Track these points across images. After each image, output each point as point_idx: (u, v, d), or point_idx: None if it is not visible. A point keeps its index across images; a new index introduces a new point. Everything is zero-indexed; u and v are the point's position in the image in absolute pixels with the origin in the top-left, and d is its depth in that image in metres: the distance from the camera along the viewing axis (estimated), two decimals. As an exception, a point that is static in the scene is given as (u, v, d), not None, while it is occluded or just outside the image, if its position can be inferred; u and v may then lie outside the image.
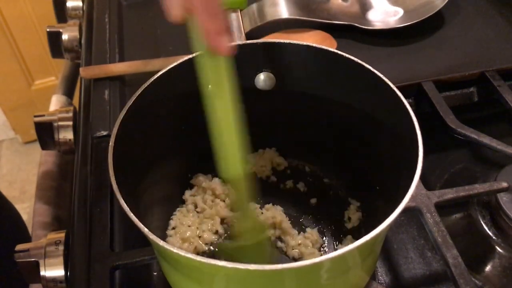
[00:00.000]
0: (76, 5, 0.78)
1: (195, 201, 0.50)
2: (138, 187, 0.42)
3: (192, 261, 0.31)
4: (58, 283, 0.44)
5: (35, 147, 0.75)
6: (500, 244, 0.47)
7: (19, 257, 0.45)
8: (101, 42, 0.67)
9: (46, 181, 0.63)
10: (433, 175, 0.55)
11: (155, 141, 0.46)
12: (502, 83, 0.56)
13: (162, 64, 0.58)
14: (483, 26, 0.65)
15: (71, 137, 0.58)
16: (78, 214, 0.48)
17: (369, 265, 0.40)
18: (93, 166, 0.51)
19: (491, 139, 0.51)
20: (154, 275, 0.47)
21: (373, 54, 0.62)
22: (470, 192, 0.46)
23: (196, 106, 0.48)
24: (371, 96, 0.43)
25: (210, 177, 0.52)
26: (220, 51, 0.36)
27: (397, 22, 0.65)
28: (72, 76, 0.79)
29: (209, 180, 0.52)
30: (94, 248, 0.44)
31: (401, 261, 0.47)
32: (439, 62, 0.60)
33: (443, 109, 0.54)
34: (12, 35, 1.48)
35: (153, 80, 0.43)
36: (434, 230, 0.43)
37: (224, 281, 0.35)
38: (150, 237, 0.32)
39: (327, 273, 0.35)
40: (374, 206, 0.46)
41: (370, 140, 0.46)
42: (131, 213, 0.34)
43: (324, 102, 0.47)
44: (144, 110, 0.43)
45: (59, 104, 0.73)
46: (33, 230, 0.58)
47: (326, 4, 0.66)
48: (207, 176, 0.52)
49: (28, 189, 1.58)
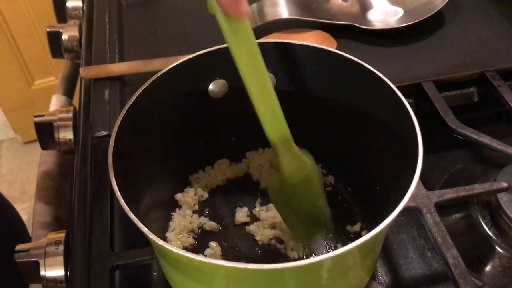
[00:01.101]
0: (76, 5, 0.78)
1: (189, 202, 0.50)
2: (138, 187, 0.42)
3: (191, 260, 0.31)
4: (58, 283, 0.44)
5: (35, 147, 0.75)
6: (500, 244, 0.47)
7: (19, 257, 0.45)
8: (101, 42, 0.67)
9: (46, 181, 0.63)
10: (433, 175, 0.55)
11: (155, 141, 0.46)
12: (502, 83, 0.56)
13: (162, 64, 0.58)
14: (483, 26, 0.65)
15: (71, 137, 0.58)
16: (78, 214, 0.48)
17: (369, 265, 0.40)
18: (93, 166, 0.51)
19: (491, 139, 0.51)
20: (154, 275, 0.47)
21: (373, 54, 0.62)
22: (470, 192, 0.46)
23: (196, 106, 0.48)
24: (371, 96, 0.43)
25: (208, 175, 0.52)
26: (235, 13, 0.36)
27: (397, 22, 0.65)
28: (72, 76, 0.79)
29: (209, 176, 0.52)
30: (94, 248, 0.44)
31: (401, 261, 0.47)
32: (439, 62, 0.60)
33: (443, 109, 0.54)
34: (12, 35, 1.48)
35: (153, 80, 0.43)
36: (434, 230, 0.43)
37: (224, 280, 0.35)
38: (150, 236, 0.32)
39: (327, 272, 0.35)
40: (374, 206, 0.46)
41: (370, 140, 0.46)
42: (131, 213, 0.34)
43: (324, 102, 0.47)
44: (144, 110, 0.43)
45: (59, 104, 0.73)
46: (33, 230, 0.58)
47: (326, 4, 0.66)
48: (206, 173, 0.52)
49: (28, 189, 1.58)
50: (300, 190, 0.43)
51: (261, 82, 0.39)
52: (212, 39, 0.45)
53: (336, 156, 0.51)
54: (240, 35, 0.37)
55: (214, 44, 0.45)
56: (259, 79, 0.39)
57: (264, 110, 0.39)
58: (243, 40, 0.38)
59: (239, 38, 0.37)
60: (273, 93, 0.39)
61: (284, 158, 0.41)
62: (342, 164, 0.50)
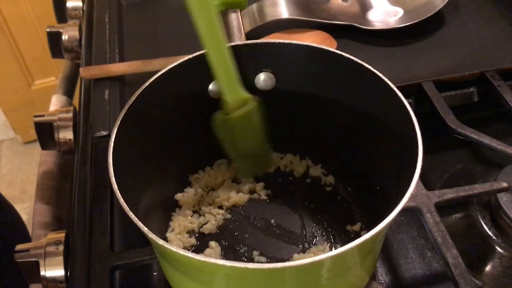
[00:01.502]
0: (76, 5, 0.78)
1: (189, 202, 0.50)
2: (138, 187, 0.42)
3: (191, 260, 0.31)
4: (58, 283, 0.44)
5: (35, 147, 0.75)
6: (500, 244, 0.47)
7: (19, 257, 0.45)
8: (101, 42, 0.67)
9: (46, 181, 0.63)
10: (433, 175, 0.55)
11: (155, 141, 0.46)
12: (502, 83, 0.56)
13: (162, 64, 0.58)
14: (483, 26, 0.65)
15: (71, 137, 0.58)
16: (78, 214, 0.48)
17: (369, 264, 0.40)
18: (93, 166, 0.51)
19: (491, 139, 0.51)
20: (154, 275, 0.47)
21: (373, 54, 0.62)
22: (470, 192, 0.46)
23: (196, 106, 0.48)
24: (371, 96, 0.43)
25: (208, 175, 0.52)
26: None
27: (397, 22, 0.65)
28: (72, 76, 0.79)
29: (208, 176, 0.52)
30: (94, 248, 0.44)
31: (401, 261, 0.47)
32: (439, 62, 0.60)
33: (443, 109, 0.54)
34: (12, 35, 1.49)
35: (153, 80, 0.43)
36: (434, 230, 0.43)
37: (224, 280, 0.35)
38: (150, 236, 0.32)
39: (327, 272, 0.35)
40: (374, 206, 0.46)
41: (370, 140, 0.46)
42: (131, 212, 0.34)
43: (324, 102, 0.47)
44: (144, 110, 0.43)
45: (59, 104, 0.73)
46: (33, 230, 0.58)
47: (326, 4, 0.66)
48: (205, 173, 0.52)
49: (28, 189, 1.58)
50: (243, 125, 0.47)
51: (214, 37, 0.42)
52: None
53: (336, 156, 0.51)
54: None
55: (214, 44, 0.45)
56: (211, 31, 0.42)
57: (217, 64, 0.43)
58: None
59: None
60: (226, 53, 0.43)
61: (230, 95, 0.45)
62: (342, 164, 0.50)
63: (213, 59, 0.43)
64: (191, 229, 0.49)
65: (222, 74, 0.44)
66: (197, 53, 0.45)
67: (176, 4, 0.75)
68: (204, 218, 0.49)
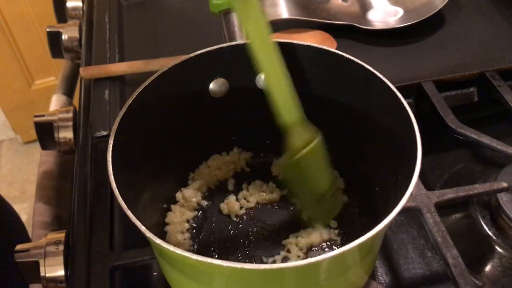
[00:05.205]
0: (76, 5, 0.78)
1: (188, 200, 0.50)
2: (137, 186, 0.42)
3: (188, 259, 0.31)
4: (58, 283, 0.44)
5: (35, 147, 0.76)
6: (500, 244, 0.47)
7: (19, 257, 0.45)
8: (101, 42, 0.67)
9: (46, 181, 0.63)
10: (433, 175, 0.55)
11: (155, 141, 0.46)
12: (502, 83, 0.56)
13: (162, 64, 0.58)
14: (483, 26, 0.65)
15: (71, 137, 0.58)
16: (78, 214, 0.48)
17: (368, 264, 0.40)
18: (93, 166, 0.51)
19: (491, 139, 0.51)
20: (154, 275, 0.47)
21: (373, 54, 0.62)
22: (470, 192, 0.46)
23: (195, 105, 0.48)
24: (371, 96, 0.43)
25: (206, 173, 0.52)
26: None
27: (397, 22, 0.65)
28: (72, 76, 0.79)
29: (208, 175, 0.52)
30: (94, 248, 0.44)
31: (401, 261, 0.47)
32: (439, 62, 0.60)
33: (443, 109, 0.54)
34: (12, 35, 1.48)
35: (152, 79, 0.43)
36: (434, 230, 0.43)
37: (223, 279, 0.35)
38: (148, 235, 0.32)
39: (326, 272, 0.35)
40: (374, 206, 0.46)
41: (369, 140, 0.46)
42: (130, 212, 0.34)
43: (323, 102, 0.47)
44: (143, 109, 0.43)
45: (59, 104, 0.73)
46: (33, 230, 0.58)
47: (326, 4, 0.66)
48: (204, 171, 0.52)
49: (28, 189, 1.58)
50: (311, 164, 0.44)
51: (271, 58, 0.40)
52: (212, 38, 0.45)
53: (336, 156, 0.51)
54: (249, 13, 0.39)
55: (214, 43, 0.45)
56: (267, 51, 0.40)
57: (276, 89, 0.41)
58: (250, 17, 0.39)
59: (247, 14, 0.39)
60: (284, 73, 0.41)
61: (295, 134, 0.43)
62: (341, 164, 0.50)
63: (271, 83, 0.41)
64: (190, 227, 0.49)
65: (281, 99, 0.41)
66: (197, 52, 0.45)
67: (176, 4, 0.75)
68: (204, 216, 0.49)
